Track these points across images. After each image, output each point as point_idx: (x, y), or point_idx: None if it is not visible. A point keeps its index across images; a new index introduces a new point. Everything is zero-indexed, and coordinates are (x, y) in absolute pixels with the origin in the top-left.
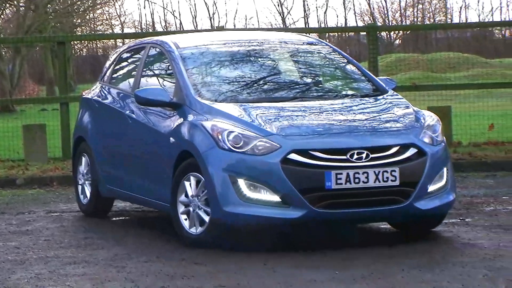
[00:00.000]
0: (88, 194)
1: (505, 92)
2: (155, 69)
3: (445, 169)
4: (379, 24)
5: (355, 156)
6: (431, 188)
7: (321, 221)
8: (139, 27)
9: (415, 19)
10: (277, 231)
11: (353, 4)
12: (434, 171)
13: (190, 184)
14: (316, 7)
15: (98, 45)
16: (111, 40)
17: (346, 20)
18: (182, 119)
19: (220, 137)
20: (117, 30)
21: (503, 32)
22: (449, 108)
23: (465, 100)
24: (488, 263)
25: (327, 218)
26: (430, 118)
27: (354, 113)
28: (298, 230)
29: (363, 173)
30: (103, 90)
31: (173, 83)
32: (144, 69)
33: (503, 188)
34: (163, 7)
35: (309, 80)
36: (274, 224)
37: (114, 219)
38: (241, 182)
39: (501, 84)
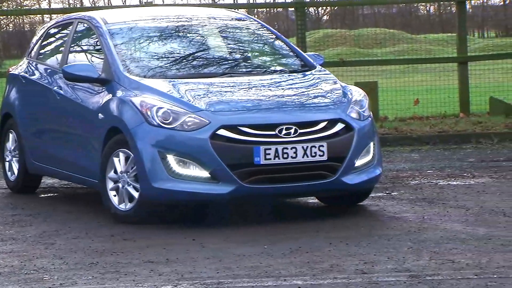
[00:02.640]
0: (15, 171)
1: (430, 68)
2: (83, 45)
3: (372, 144)
4: (307, 0)
5: (284, 132)
6: (358, 162)
7: (250, 197)
8: (67, 2)
9: None
10: (206, 206)
11: None
12: (361, 146)
13: (119, 160)
14: None
15: (25, 20)
16: (38, 16)
17: None
18: (110, 95)
19: (149, 113)
20: (44, 5)
21: (427, 8)
22: (375, 84)
23: (391, 75)
24: (412, 236)
25: (256, 193)
26: (357, 93)
27: (282, 89)
28: (227, 205)
29: (292, 148)
30: (30, 66)
31: (102, 59)
32: (72, 45)
33: (427, 162)
34: None
35: (238, 56)
36: (203, 200)
37: (42, 195)
38: (170, 158)
39: (426, 59)
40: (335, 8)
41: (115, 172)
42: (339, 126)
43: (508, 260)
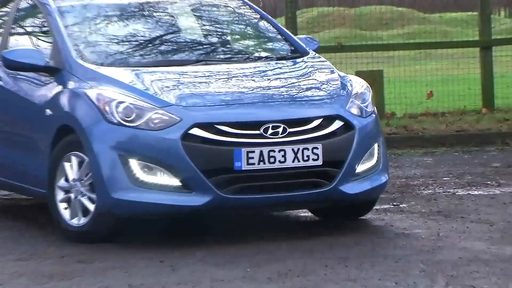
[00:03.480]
0: None
1: (447, 53)
2: (27, 26)
3: (376, 145)
4: None
5: (270, 131)
6: (359, 168)
7: (230, 209)
8: None
9: None
10: (177, 221)
11: None
12: (363, 148)
13: (71, 165)
14: None
15: None
16: None
17: None
18: (61, 87)
19: (107, 108)
20: None
21: None
22: (380, 73)
23: (400, 63)
24: (425, 256)
25: (237, 205)
26: (359, 84)
27: (268, 79)
28: (203, 219)
29: (280, 151)
30: None
31: (50, 43)
32: (14, 26)
33: (443, 168)
34: None
35: (214, 40)
36: (173, 213)
37: None
38: (134, 163)
39: (441, 43)
40: None
41: (66, 180)
42: (337, 124)
43: None
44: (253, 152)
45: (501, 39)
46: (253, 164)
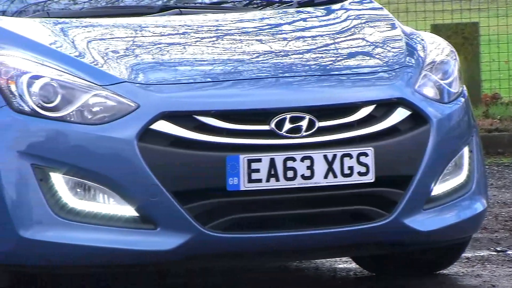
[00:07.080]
0: None
1: None
2: None
3: (466, 150)
4: None
5: (287, 126)
6: (438, 189)
7: (220, 256)
8: None
9: None
10: (134, 274)
11: None
12: (444, 154)
13: None
14: None
15: None
16: None
17: None
18: None
19: (13, 87)
20: None
21: None
22: (474, 28)
23: (509, 10)
24: None
25: (230, 248)
26: (437, 48)
27: (284, 39)
28: (175, 273)
29: (304, 159)
30: None
31: None
32: None
33: None
34: None
35: None
36: (124, 264)
37: None
38: (58, 180)
39: None
40: None
41: None
42: (400, 115)
43: None
44: (259, 161)
45: None
46: (259, 181)
